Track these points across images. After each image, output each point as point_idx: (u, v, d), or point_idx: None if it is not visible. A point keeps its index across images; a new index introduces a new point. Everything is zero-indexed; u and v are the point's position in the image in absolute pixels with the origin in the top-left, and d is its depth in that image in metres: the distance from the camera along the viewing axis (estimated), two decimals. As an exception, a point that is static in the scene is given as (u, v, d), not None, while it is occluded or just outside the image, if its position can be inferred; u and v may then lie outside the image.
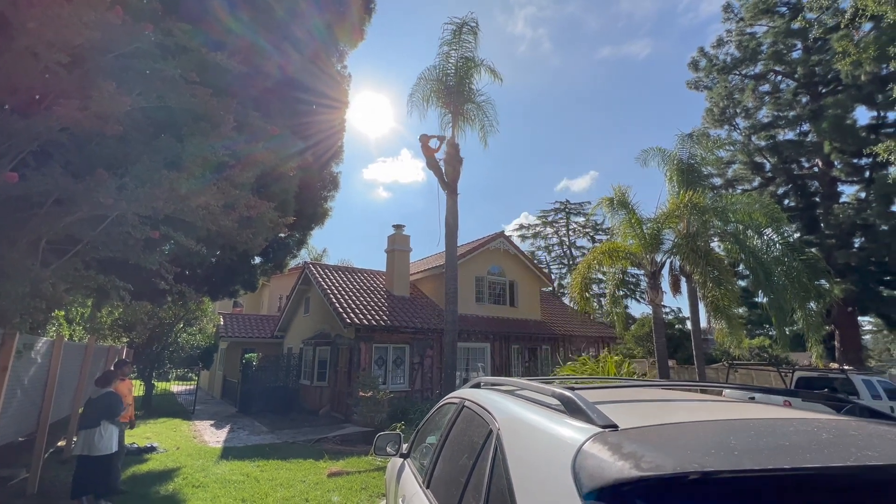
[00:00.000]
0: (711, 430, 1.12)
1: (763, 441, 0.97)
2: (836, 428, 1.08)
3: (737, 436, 1.02)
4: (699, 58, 29.33)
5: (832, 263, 22.46)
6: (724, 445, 0.91)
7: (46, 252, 4.10)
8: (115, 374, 5.72)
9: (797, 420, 1.18)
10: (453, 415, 2.27)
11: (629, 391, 1.82)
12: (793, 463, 0.81)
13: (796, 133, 25.73)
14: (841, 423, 1.17)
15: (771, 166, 25.84)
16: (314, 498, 5.59)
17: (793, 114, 25.30)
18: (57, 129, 3.32)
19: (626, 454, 0.91)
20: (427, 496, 2.03)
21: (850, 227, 22.03)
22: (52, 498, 5.57)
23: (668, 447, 0.93)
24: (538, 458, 1.17)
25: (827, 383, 11.83)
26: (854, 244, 22.89)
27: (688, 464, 0.82)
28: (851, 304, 22.86)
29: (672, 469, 0.81)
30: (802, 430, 1.03)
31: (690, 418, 1.26)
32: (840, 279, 21.92)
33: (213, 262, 8.99)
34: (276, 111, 7.57)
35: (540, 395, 1.57)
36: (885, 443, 0.96)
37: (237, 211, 4.63)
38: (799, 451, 0.86)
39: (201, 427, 11.93)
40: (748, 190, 26.52)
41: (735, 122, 27.52)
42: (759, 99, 26.65)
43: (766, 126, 26.05)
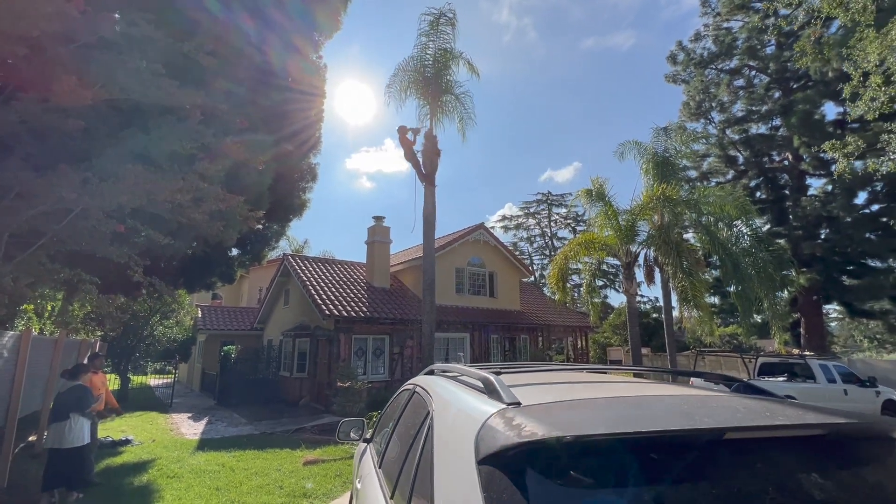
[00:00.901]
0: (596, 404, 1.28)
1: (631, 412, 1.13)
2: (699, 401, 1.25)
3: (613, 409, 1.18)
4: (677, 52, 29.77)
5: (799, 254, 23.40)
6: (597, 416, 1.07)
7: (10, 246, 4.06)
8: (86, 367, 5.70)
9: (673, 396, 1.36)
10: (406, 400, 2.41)
11: (550, 374, 1.99)
12: (636, 427, 0.97)
13: (768, 127, 26.49)
14: (708, 397, 1.35)
15: (744, 159, 26.59)
16: (288, 485, 5.71)
17: (765, 108, 26.03)
18: (16, 122, 3.30)
19: (514, 425, 1.06)
20: (378, 475, 2.18)
21: (817, 218, 22.91)
22: (23, 491, 5.56)
23: (552, 418, 1.08)
24: (454, 434, 1.32)
25: (787, 368, 12.43)
26: (820, 235, 23.79)
27: (557, 430, 0.97)
28: (816, 293, 23.87)
29: (542, 435, 0.96)
30: (669, 404, 1.19)
31: (586, 396, 1.43)
32: (806, 269, 22.86)
33: (189, 254, 8.91)
34: (249, 102, 7.50)
35: (473, 379, 1.72)
36: (725, 412, 1.13)
37: (207, 204, 4.64)
38: (651, 419, 1.03)
39: (178, 419, 11.89)
40: (722, 182, 27.26)
41: (710, 116, 28.17)
42: (733, 93, 27.30)
43: (739, 120, 26.75)
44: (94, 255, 5.30)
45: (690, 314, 17.65)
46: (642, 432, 0.97)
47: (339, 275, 16.17)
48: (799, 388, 11.22)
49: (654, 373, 2.13)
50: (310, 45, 9.26)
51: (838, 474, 1.10)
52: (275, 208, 10.58)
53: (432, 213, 11.18)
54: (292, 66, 8.48)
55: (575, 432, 0.96)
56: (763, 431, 1.03)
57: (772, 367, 12.86)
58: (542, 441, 0.95)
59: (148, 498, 5.29)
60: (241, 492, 5.46)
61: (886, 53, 5.99)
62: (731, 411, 1.14)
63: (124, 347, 15.73)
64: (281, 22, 8.00)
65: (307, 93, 9.46)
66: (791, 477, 1.04)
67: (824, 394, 11.22)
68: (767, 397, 1.42)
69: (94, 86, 3.65)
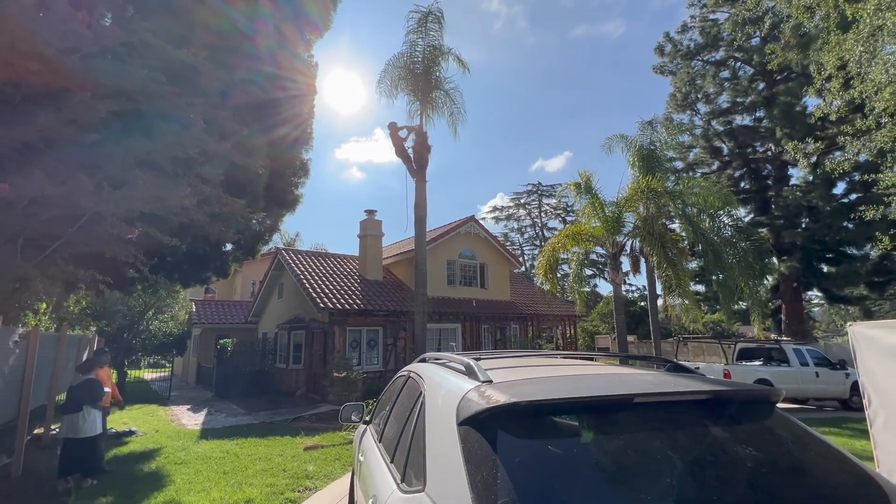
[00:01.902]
0: (549, 380, 1.64)
1: (573, 385, 1.49)
2: (626, 377, 1.62)
3: (560, 383, 1.55)
4: (665, 43, 30.09)
5: (780, 243, 24.13)
6: (546, 388, 1.43)
7: (25, 249, 4.31)
8: (95, 362, 5.99)
9: (609, 374, 1.75)
10: (401, 384, 2.77)
11: (522, 360, 2.36)
12: (572, 394, 1.33)
13: (752, 119, 27.05)
14: (634, 374, 1.73)
15: (728, 150, 27.16)
16: (291, 468, 6.08)
17: (749, 100, 26.55)
18: (35, 135, 3.54)
19: (485, 396, 1.42)
20: (379, 448, 2.53)
21: (797, 208, 23.59)
22: (38, 479, 5.86)
23: (512, 390, 1.43)
24: (442, 406, 1.67)
25: (764, 353, 13.04)
26: (800, 224, 24.48)
27: (515, 398, 1.33)
28: (796, 281, 24.67)
29: (503, 401, 1.32)
30: (603, 379, 1.56)
31: (544, 375, 1.79)
32: (787, 257, 23.62)
33: (184, 250, 9.15)
34: (244, 103, 7.72)
35: (458, 364, 2.07)
36: (639, 384, 1.51)
37: (210, 206, 4.91)
38: (585, 389, 1.39)
39: (178, 411, 12.18)
40: (707, 173, 27.84)
41: (696, 108, 28.65)
42: (719, 85, 27.76)
43: (724, 112, 27.25)
44: (98, 255, 5.56)
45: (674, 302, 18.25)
46: (575, 398, 1.34)
47: (333, 268, 16.44)
48: (773, 371, 11.84)
49: (607, 357, 2.52)
50: (301, 44, 9.43)
51: (730, 428, 1.47)
52: (269, 204, 10.80)
53: (423, 208, 11.48)
54: (285, 66, 8.66)
55: (527, 398, 1.32)
56: (661, 397, 1.40)
57: (750, 353, 13.48)
58: (504, 405, 1.31)
59: (160, 482, 5.63)
60: (247, 475, 5.82)
61: (848, 57, 6.38)
62: (643, 383, 1.51)
63: (121, 342, 15.90)
64: (273, 23, 8.17)
65: (299, 91, 9.65)
66: (692, 429, 1.42)
67: (797, 376, 11.85)
68: (684, 374, 1.79)
69: (105, 98, 3.89)
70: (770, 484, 1.26)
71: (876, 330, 3.06)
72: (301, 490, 5.31)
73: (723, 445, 1.40)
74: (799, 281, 24.93)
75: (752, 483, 1.26)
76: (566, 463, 1.25)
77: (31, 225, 4.06)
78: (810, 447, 1.43)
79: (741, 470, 1.31)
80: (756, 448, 1.40)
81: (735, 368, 11.40)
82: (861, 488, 1.31)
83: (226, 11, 7.15)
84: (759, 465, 1.33)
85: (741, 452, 1.37)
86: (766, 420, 1.51)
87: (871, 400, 3.05)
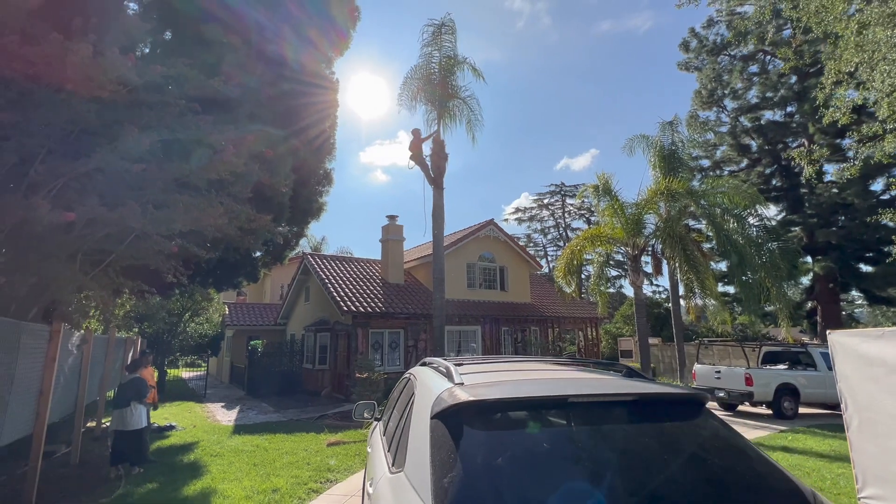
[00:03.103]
0: (511, 382, 1.95)
1: (528, 386, 1.81)
2: (575, 380, 1.92)
3: (518, 385, 1.86)
4: (690, 39, 29.48)
5: (814, 242, 23.26)
6: (505, 389, 1.75)
7: (82, 263, 4.92)
8: (141, 362, 6.64)
9: (564, 378, 2.05)
10: (404, 385, 3.14)
11: (501, 365, 2.67)
12: (519, 395, 1.65)
13: (783, 114, 26.16)
14: (583, 378, 2.02)
15: (757, 147, 26.35)
16: (314, 462, 6.56)
17: (780, 94, 25.69)
18: (94, 169, 4.11)
19: (452, 395, 1.75)
20: (382, 441, 2.90)
21: (832, 206, 22.71)
22: (93, 467, 6.54)
23: (475, 391, 1.76)
24: (423, 403, 2.01)
25: (790, 356, 12.76)
26: (837, 222, 23.52)
27: (474, 397, 1.66)
28: (832, 281, 23.70)
29: (466, 399, 1.65)
30: (556, 382, 1.86)
31: (511, 378, 2.10)
32: (821, 257, 22.75)
33: (218, 259, 9.83)
34: (270, 121, 8.28)
35: (442, 368, 2.42)
36: (578, 386, 1.81)
37: (240, 222, 5.44)
38: (535, 390, 1.71)
39: (213, 408, 12.98)
40: (735, 171, 27.09)
41: (723, 104, 27.90)
42: (747, 80, 26.97)
43: (752, 107, 26.44)
44: (143, 267, 6.19)
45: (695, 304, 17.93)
46: (521, 397, 1.66)
47: (356, 272, 17.03)
48: (799, 375, 11.59)
49: (577, 363, 2.81)
50: (323, 62, 9.98)
51: (657, 425, 1.76)
52: (294, 213, 11.41)
53: (441, 215, 11.85)
54: (308, 86, 9.21)
55: (482, 398, 1.65)
56: (592, 398, 1.70)
57: (775, 356, 13.19)
58: (462, 403, 1.64)
59: (198, 472, 6.20)
60: (274, 467, 6.32)
61: (858, 61, 6.32)
62: (581, 386, 1.81)
63: (160, 343, 16.98)
64: (296, 45, 8.73)
65: (322, 107, 10.20)
66: (619, 424, 1.71)
67: (825, 381, 11.55)
68: (636, 379, 2.07)
69: (149, 129, 4.43)
70: (681, 473, 1.54)
71: (852, 338, 3.22)
72: (323, 482, 5.75)
73: (647, 439, 1.68)
74: (835, 281, 23.94)
75: (665, 472, 1.54)
76: (511, 449, 1.56)
77: (88, 243, 4.65)
78: (725, 444, 1.70)
79: (658, 460, 1.59)
80: (676, 442, 1.67)
81: (757, 372, 11.24)
82: (763, 479, 1.57)
83: (252, 38, 7.74)
84: (675, 456, 1.61)
85: (662, 446, 1.66)
86: (694, 420, 1.77)
87: (848, 405, 3.20)
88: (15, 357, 4.16)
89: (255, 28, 7.78)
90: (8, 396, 4.09)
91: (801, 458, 6.66)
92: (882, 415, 2.85)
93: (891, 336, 2.84)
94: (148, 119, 4.44)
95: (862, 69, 6.14)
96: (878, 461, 2.86)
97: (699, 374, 12.76)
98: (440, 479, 1.42)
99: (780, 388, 10.97)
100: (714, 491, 1.50)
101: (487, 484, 1.42)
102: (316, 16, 9.17)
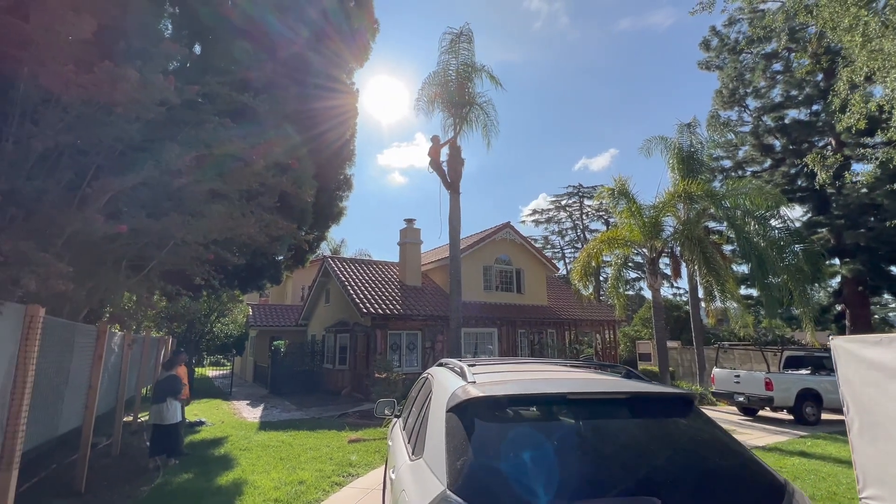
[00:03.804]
0: (518, 381, 2.18)
1: (532, 385, 2.03)
2: (574, 380, 2.13)
3: (524, 383, 2.08)
4: (711, 37, 29.05)
5: (842, 243, 22.62)
6: (511, 387, 1.98)
7: (127, 268, 5.36)
8: (176, 361, 7.09)
9: (567, 378, 2.26)
10: (421, 383, 3.39)
11: (511, 366, 2.90)
12: (522, 391, 1.88)
13: (808, 112, 25.52)
14: (582, 378, 2.23)
15: (781, 147, 25.77)
16: (337, 457, 6.88)
17: (805, 93, 25.09)
18: (139, 183, 4.52)
19: (466, 392, 1.99)
20: (402, 434, 3.16)
21: (860, 206, 22.06)
22: (132, 458, 7.01)
23: (485, 388, 1.99)
24: (439, 399, 2.26)
25: (813, 361, 12.54)
26: (867, 224, 22.81)
27: (483, 393, 1.90)
28: (861, 284, 22.99)
29: (477, 395, 1.89)
30: (558, 381, 2.08)
31: (518, 377, 2.32)
32: (849, 259, 22.11)
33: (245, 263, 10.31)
34: (295, 132, 8.68)
35: (457, 368, 2.66)
36: (576, 385, 2.02)
37: (269, 230, 5.80)
38: (538, 388, 1.94)
39: (239, 406, 13.51)
40: (758, 172, 26.53)
41: (745, 103, 27.38)
42: (770, 78, 26.41)
43: (776, 106, 25.86)
44: (179, 272, 6.63)
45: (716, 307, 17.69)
46: (523, 394, 1.89)
47: (375, 274, 17.42)
48: (821, 380, 11.39)
49: (583, 365, 3.01)
50: (344, 72, 10.36)
51: (650, 421, 1.96)
52: (316, 218, 11.83)
53: (457, 219, 12.10)
54: (329, 97, 9.60)
55: (492, 394, 1.89)
56: (588, 395, 1.92)
57: (798, 361, 12.98)
58: (473, 399, 1.88)
59: (229, 464, 6.59)
60: (299, 461, 6.67)
61: (869, 70, 6.28)
62: (580, 385, 2.03)
63: (188, 343, 17.69)
64: (320, 58, 9.12)
65: (342, 117, 10.58)
66: (615, 420, 1.92)
67: (849, 387, 11.34)
68: (635, 379, 2.27)
69: (188, 146, 4.82)
70: (668, 463, 1.75)
71: (853, 344, 3.33)
72: (345, 476, 6.06)
73: (638, 433, 1.89)
74: (865, 284, 23.21)
75: (653, 462, 1.74)
76: (515, 438, 1.79)
77: (132, 250, 5.07)
78: (711, 439, 1.88)
79: (647, 452, 1.80)
80: (665, 436, 1.87)
81: (777, 377, 11.11)
82: (743, 471, 1.76)
83: (277, 53, 8.15)
84: (663, 449, 1.81)
85: (652, 439, 1.86)
86: (683, 417, 1.97)
87: (850, 408, 3.31)
88: (70, 355, 4.59)
89: (280, 42, 8.19)
90: (65, 390, 4.51)
91: (819, 464, 6.65)
92: (881, 418, 2.97)
93: (888, 342, 2.97)
94: (185, 135, 4.83)
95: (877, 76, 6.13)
96: (877, 463, 2.98)
97: (718, 378, 12.66)
98: (454, 463, 1.66)
99: (801, 394, 10.82)
100: (696, 480, 1.70)
101: (494, 467, 1.65)
102: (338, 29, 9.55)
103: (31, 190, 3.57)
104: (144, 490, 5.53)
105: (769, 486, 1.66)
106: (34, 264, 3.08)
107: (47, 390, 4.17)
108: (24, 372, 3.31)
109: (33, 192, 3.58)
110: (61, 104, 4.34)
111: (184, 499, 5.18)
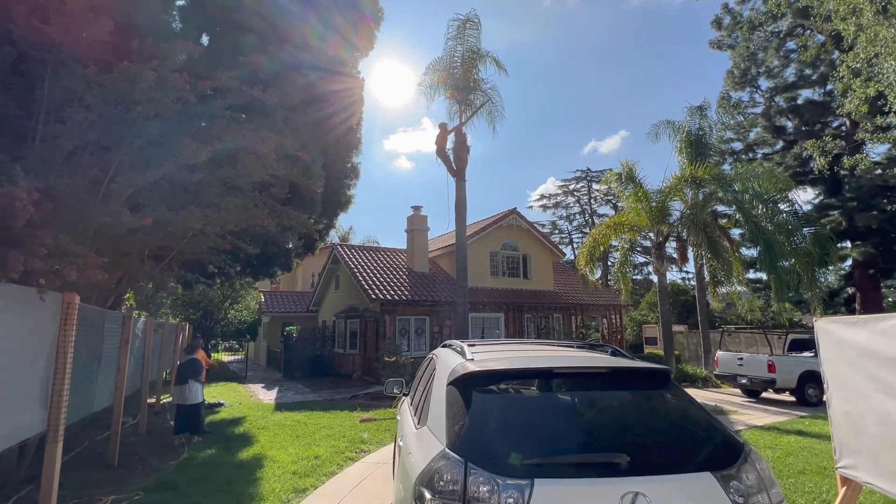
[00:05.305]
0: (512, 358, 2.41)
1: (524, 361, 2.27)
2: (562, 356, 2.37)
3: (517, 359, 2.32)
4: (723, 15, 28.34)
5: (853, 226, 22.37)
6: (505, 363, 2.22)
7: (149, 258, 5.67)
8: (196, 345, 7.47)
9: (555, 355, 2.49)
10: (427, 363, 3.66)
11: (508, 346, 3.15)
12: (515, 366, 2.11)
13: (822, 93, 24.97)
14: (569, 354, 2.46)
15: (793, 128, 25.32)
16: (349, 435, 7.25)
17: (819, 72, 24.51)
18: (160, 179, 4.78)
19: (465, 367, 2.24)
20: (409, 409, 3.44)
21: (873, 189, 21.75)
22: (158, 436, 7.46)
23: (482, 364, 2.23)
24: (441, 375, 2.51)
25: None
26: (881, 206, 22.49)
27: (479, 368, 2.14)
28: (873, 267, 22.80)
29: (473, 370, 2.13)
30: (548, 358, 2.31)
31: (513, 355, 2.56)
32: (861, 242, 21.90)
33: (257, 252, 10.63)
34: (303, 124, 8.88)
35: (458, 348, 2.91)
36: (562, 360, 2.25)
37: (281, 221, 6.06)
38: (528, 363, 2.17)
39: (254, 388, 14.04)
40: (770, 154, 26.16)
41: (757, 84, 26.84)
42: (783, 58, 25.80)
43: (789, 86, 25.33)
44: (198, 261, 6.94)
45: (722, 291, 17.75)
46: (514, 368, 2.13)
47: (383, 261, 17.73)
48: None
49: (576, 345, 3.25)
50: (350, 63, 10.47)
51: (630, 392, 2.19)
52: (325, 207, 12.08)
53: (463, 206, 12.27)
54: (336, 87, 9.74)
55: (486, 368, 2.13)
56: (572, 369, 2.15)
57: (803, 343, 13.09)
58: (472, 373, 2.13)
59: (249, 441, 7.00)
60: (314, 439, 7.05)
61: (866, 56, 6.24)
62: (566, 360, 2.26)
63: (204, 328, 18.27)
64: (326, 49, 9.25)
65: (349, 105, 10.72)
66: (596, 391, 2.16)
67: (853, 368, 11.47)
68: (620, 357, 2.49)
69: (203, 142, 5.05)
70: (640, 427, 1.98)
71: (833, 325, 3.52)
72: (358, 452, 6.42)
73: (616, 402, 2.12)
74: (876, 267, 23.00)
75: (627, 426, 1.98)
76: (506, 407, 2.03)
77: (153, 241, 5.37)
78: (681, 407, 2.11)
79: (623, 418, 2.03)
80: (640, 405, 2.10)
81: (780, 359, 11.26)
82: (706, 433, 1.98)
83: (284, 45, 8.31)
84: (638, 415, 2.05)
85: (628, 407, 2.09)
86: (658, 389, 2.19)
87: (829, 385, 3.51)
88: (101, 339, 4.93)
89: (286, 33, 8.33)
90: (98, 372, 4.87)
91: (814, 441, 6.87)
92: (853, 393, 3.19)
93: (863, 323, 3.16)
94: (199, 131, 5.05)
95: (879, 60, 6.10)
96: (850, 434, 3.21)
97: (722, 360, 12.84)
98: (452, 427, 1.92)
99: (804, 375, 10.97)
100: (662, 440, 1.94)
101: (487, 430, 1.90)
102: (343, 19, 9.65)
103: (65, 186, 3.83)
104: (172, 464, 5.94)
105: (728, 445, 1.89)
106: (73, 255, 3.36)
107: (82, 371, 4.51)
108: (65, 353, 3.63)
109: (66, 188, 3.84)
110: (84, 103, 4.58)
111: (210, 470, 5.57)
